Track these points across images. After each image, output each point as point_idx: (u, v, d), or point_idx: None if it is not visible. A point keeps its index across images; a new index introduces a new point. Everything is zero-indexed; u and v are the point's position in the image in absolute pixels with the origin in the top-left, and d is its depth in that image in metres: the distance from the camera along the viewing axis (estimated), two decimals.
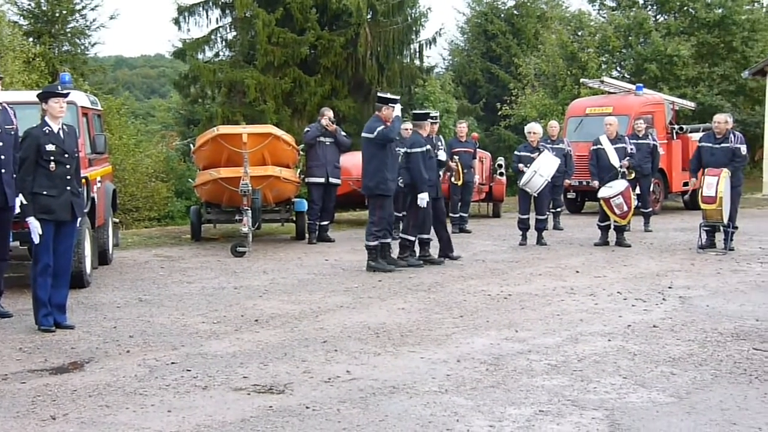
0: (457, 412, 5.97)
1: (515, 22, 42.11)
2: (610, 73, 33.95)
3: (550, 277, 11.75)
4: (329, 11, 30.61)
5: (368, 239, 12.44)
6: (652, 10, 36.43)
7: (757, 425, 5.70)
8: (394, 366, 7.20)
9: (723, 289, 10.72)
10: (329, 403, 6.20)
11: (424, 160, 12.64)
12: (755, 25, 34.23)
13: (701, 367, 7.12)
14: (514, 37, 41.20)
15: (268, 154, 14.70)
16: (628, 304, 9.88)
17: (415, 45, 32.61)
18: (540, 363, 7.27)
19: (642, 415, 5.92)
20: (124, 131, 25.65)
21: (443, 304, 9.85)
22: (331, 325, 8.82)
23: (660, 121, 21.68)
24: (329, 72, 29.92)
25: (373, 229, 12.42)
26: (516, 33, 41.59)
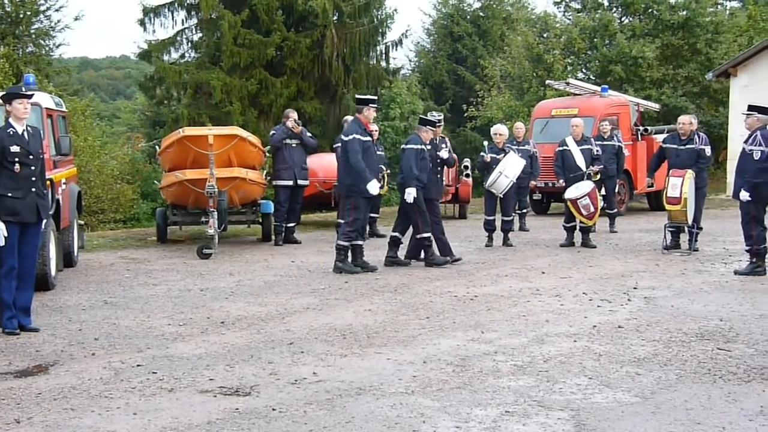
0: (423, 413, 5.98)
1: (481, 23, 42.25)
2: (575, 75, 34.12)
3: (516, 278, 11.79)
4: (295, 13, 30.52)
5: (340, 239, 12.45)
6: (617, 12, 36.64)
7: (720, 425, 5.75)
8: (360, 367, 7.20)
9: (687, 290, 10.80)
10: (296, 404, 6.18)
11: (416, 158, 12.63)
12: (719, 27, 34.52)
13: (666, 367, 7.17)
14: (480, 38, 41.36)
15: (234, 156, 14.66)
16: (594, 304, 9.93)
17: (382, 47, 32.59)
18: (506, 364, 7.29)
19: (607, 416, 5.95)
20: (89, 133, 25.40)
21: (410, 306, 9.86)
22: (298, 326, 8.81)
23: (625, 123, 21.82)
24: (295, 73, 29.83)
25: (346, 229, 12.43)
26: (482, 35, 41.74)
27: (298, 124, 15.74)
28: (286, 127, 15.68)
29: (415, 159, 12.66)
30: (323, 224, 19.59)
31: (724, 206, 22.74)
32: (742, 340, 8.11)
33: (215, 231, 14.03)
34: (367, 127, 12.55)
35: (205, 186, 13.86)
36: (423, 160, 12.77)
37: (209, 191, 13.82)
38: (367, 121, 12.56)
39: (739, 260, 12.83)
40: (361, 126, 12.46)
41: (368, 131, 12.61)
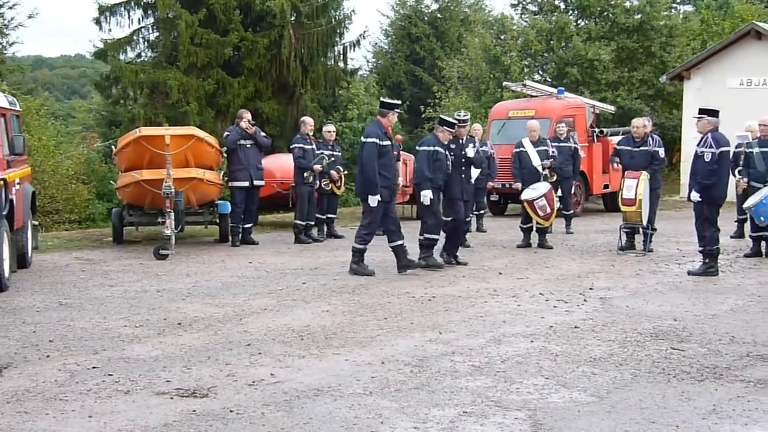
0: (381, 414, 5.99)
1: (439, 25, 42.33)
2: (532, 77, 34.30)
3: (473, 279, 11.84)
4: (253, 12, 30.40)
5: (356, 241, 12.37)
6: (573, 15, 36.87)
7: (674, 423, 5.82)
8: (318, 368, 7.20)
9: (642, 290, 10.91)
10: (253, 406, 6.17)
11: (428, 160, 12.48)
12: (673, 30, 34.87)
13: (621, 367, 7.24)
14: (437, 40, 41.43)
15: (191, 156, 14.59)
16: (550, 305, 10.00)
17: (339, 47, 32.55)
18: (464, 364, 7.32)
19: (564, 415, 6.00)
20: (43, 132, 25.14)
21: (368, 307, 9.87)
22: (255, 328, 8.78)
23: (581, 125, 21.96)
24: (253, 74, 29.72)
25: (362, 232, 12.35)
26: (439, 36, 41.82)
27: (251, 124, 15.67)
28: (240, 128, 15.61)
29: (428, 161, 12.52)
30: (281, 225, 19.54)
31: (677, 207, 22.98)
32: (695, 340, 8.21)
33: (172, 232, 13.96)
34: (388, 131, 12.37)
35: (161, 186, 13.78)
36: (437, 162, 12.57)
37: (166, 192, 13.74)
38: (388, 125, 12.40)
39: (693, 261, 12.97)
40: (382, 129, 12.27)
41: (389, 135, 12.43)
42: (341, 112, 31.90)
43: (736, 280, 11.73)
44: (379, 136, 12.16)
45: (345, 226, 19.25)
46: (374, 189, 12.05)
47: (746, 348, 7.90)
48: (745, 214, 15.02)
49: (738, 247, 14.92)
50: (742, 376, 6.98)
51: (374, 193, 12.06)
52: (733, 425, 5.81)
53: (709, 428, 5.74)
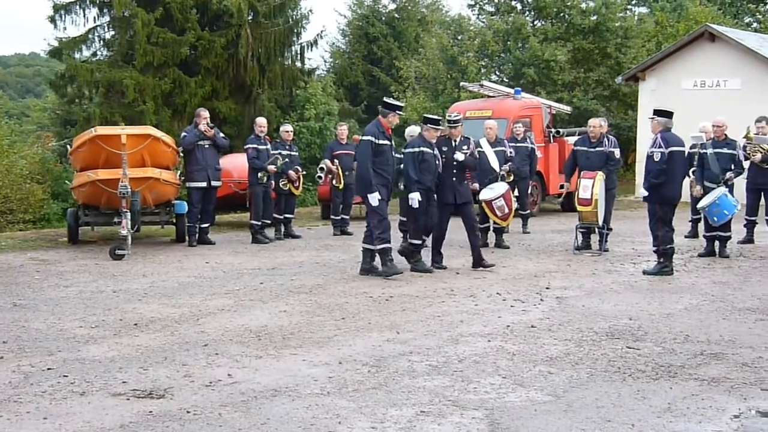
0: (339, 414, 5.99)
1: (396, 25, 42.34)
2: (489, 77, 34.44)
3: (430, 279, 11.86)
4: (210, 12, 30.25)
5: (375, 244, 12.14)
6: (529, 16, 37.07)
7: (630, 422, 5.87)
8: (275, 369, 7.19)
9: (598, 290, 10.99)
10: (210, 407, 6.15)
11: (413, 161, 12.28)
12: (628, 32, 35.16)
13: (577, 366, 7.29)
14: (395, 40, 41.44)
15: (147, 156, 14.51)
16: (507, 304, 10.05)
17: (297, 47, 32.47)
18: (421, 364, 7.34)
19: (521, 414, 6.03)
20: None
21: (325, 307, 9.86)
22: (212, 328, 8.75)
23: (538, 125, 22.08)
24: (210, 73, 29.57)
25: (376, 233, 12.13)
26: (397, 36, 41.83)
27: (210, 127, 15.58)
28: (198, 130, 15.51)
29: (413, 162, 12.32)
30: (238, 225, 19.47)
31: (633, 207, 23.17)
32: (650, 339, 8.29)
33: (128, 232, 13.86)
34: (387, 131, 12.25)
35: (117, 186, 13.69)
36: (424, 162, 12.37)
37: (122, 191, 13.64)
38: (388, 126, 12.26)
39: (648, 260, 13.09)
40: (380, 129, 12.19)
41: (388, 135, 12.28)
42: (298, 111, 31.78)
43: (691, 280, 11.85)
44: (376, 134, 12.08)
45: (302, 226, 19.24)
46: (370, 187, 11.98)
47: (700, 347, 7.99)
48: (699, 215, 15.19)
49: (692, 246, 15.07)
50: (696, 374, 7.05)
51: (371, 191, 11.98)
52: (687, 423, 5.87)
53: (664, 426, 5.80)
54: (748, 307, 9.91)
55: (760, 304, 10.06)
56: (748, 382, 6.83)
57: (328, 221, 19.19)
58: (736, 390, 6.61)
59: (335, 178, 17.71)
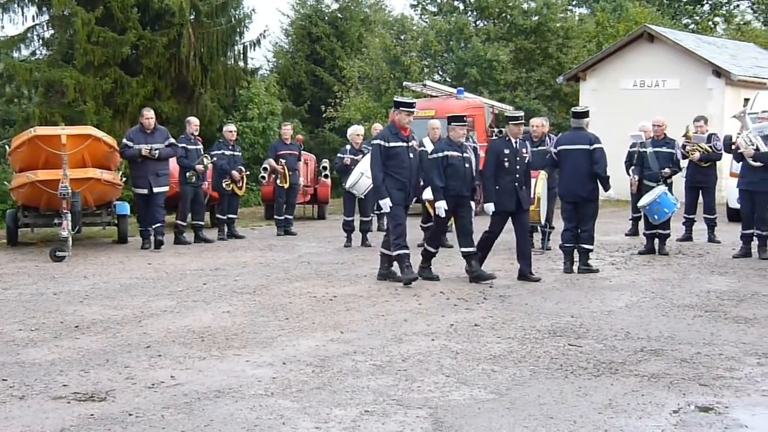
0: (283, 415, 5.98)
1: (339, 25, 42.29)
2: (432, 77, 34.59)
3: (374, 279, 11.87)
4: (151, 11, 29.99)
5: (392, 250, 11.51)
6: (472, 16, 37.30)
7: (572, 418, 5.93)
8: (219, 370, 7.15)
9: (540, 288, 11.08)
10: (153, 409, 6.10)
11: (438, 167, 11.49)
12: (569, 32, 35.52)
13: (520, 364, 7.35)
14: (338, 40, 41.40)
15: (88, 156, 14.35)
16: (451, 303, 10.09)
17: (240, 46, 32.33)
18: (365, 364, 7.35)
19: (464, 412, 6.06)
20: None
21: (269, 307, 9.83)
22: (155, 329, 8.68)
23: (480, 125, 22.19)
24: (152, 73, 29.32)
25: (391, 238, 11.51)
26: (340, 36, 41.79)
27: (152, 155, 14.98)
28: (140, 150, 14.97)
29: (437, 168, 11.51)
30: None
31: None
32: (591, 336, 8.38)
33: (69, 233, 13.71)
34: (403, 131, 11.52)
35: (57, 187, 13.53)
36: (450, 167, 11.51)
37: (62, 192, 13.49)
38: (400, 125, 11.53)
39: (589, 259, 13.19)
40: (393, 130, 11.54)
41: (403, 136, 11.52)
42: (242, 111, 31.65)
43: (631, 277, 12.00)
44: (386, 137, 11.47)
45: (246, 226, 19.18)
46: (381, 192, 11.44)
47: (640, 343, 8.09)
48: (639, 213, 15.38)
49: (632, 244, 15.25)
50: (636, 370, 7.14)
51: (382, 197, 11.44)
52: (627, 419, 5.95)
53: (605, 422, 5.87)
54: (686, 303, 10.06)
55: (698, 301, 10.22)
56: (687, 377, 6.94)
57: (271, 221, 19.15)
58: (676, 386, 6.71)
59: (279, 178, 17.66)
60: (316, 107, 37.91)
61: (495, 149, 11.92)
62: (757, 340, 8.28)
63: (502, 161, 11.66)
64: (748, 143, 13.57)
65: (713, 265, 13.16)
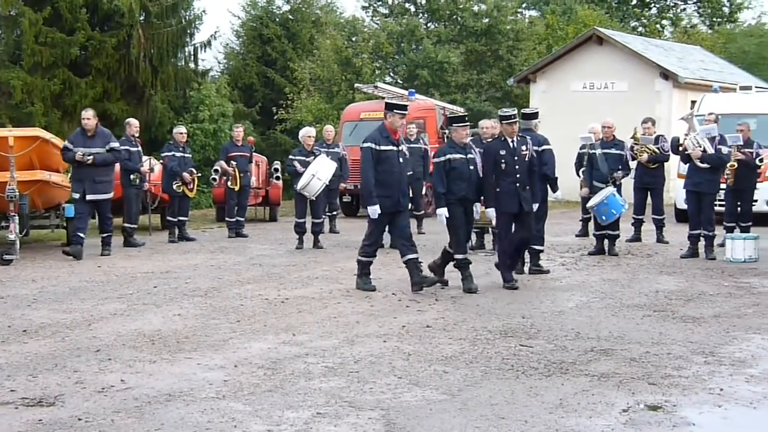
0: (234, 418, 5.95)
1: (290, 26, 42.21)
2: (383, 79, 34.65)
3: (326, 280, 11.87)
4: (100, 11, 29.78)
5: (359, 252, 11.34)
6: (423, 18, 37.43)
7: (523, 418, 5.97)
8: (170, 373, 7.11)
9: (491, 289, 11.13)
10: (103, 413, 6.05)
11: (439, 172, 11.03)
12: (519, 34, 35.78)
13: (472, 365, 7.38)
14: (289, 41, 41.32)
15: (36, 158, 14.20)
16: (403, 305, 10.11)
17: (190, 48, 32.23)
18: (317, 366, 7.34)
19: (416, 413, 6.08)
20: None
21: (220, 310, 9.79)
22: (105, 333, 8.61)
23: (432, 126, 22.28)
24: (101, 74, 29.11)
25: (363, 242, 11.27)
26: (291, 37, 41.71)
27: (85, 161, 14.12)
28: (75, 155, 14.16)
29: (439, 173, 11.06)
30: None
31: None
32: (542, 336, 8.44)
33: (16, 236, 13.56)
34: (393, 134, 11.16)
35: (5, 190, 13.37)
36: (454, 170, 11.01)
37: (9, 195, 13.34)
38: (392, 128, 11.16)
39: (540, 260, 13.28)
40: (384, 133, 11.13)
41: (393, 139, 11.14)
42: (192, 113, 31.49)
43: (581, 278, 12.10)
44: (377, 140, 11.04)
45: (197, 228, 19.08)
46: (370, 198, 10.97)
47: (590, 343, 8.16)
48: (589, 214, 15.52)
49: (582, 245, 15.39)
50: (586, 370, 7.20)
51: (371, 203, 10.95)
52: (578, 418, 5.99)
53: (555, 422, 5.91)
54: (636, 303, 10.16)
55: (647, 301, 10.33)
56: (636, 376, 7.01)
57: (223, 224, 19.07)
58: (625, 385, 6.78)
59: (230, 179, 17.60)
60: (267, 109, 37.81)
61: (490, 151, 11.45)
62: (704, 339, 8.39)
63: (499, 162, 11.20)
64: (696, 145, 13.76)
65: (662, 265, 13.31)
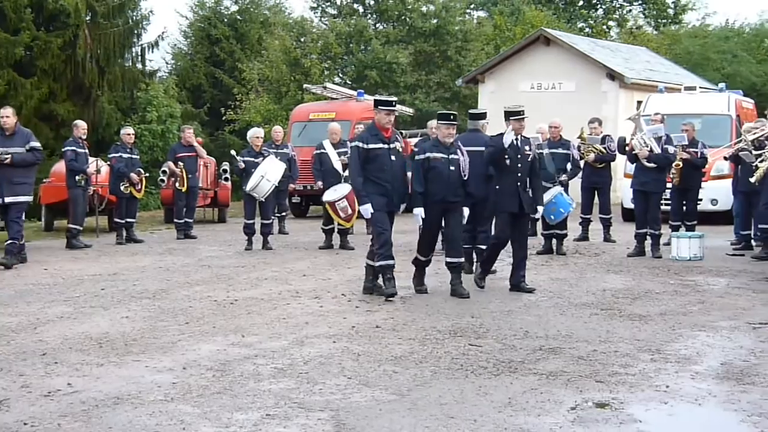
0: (183, 420, 5.92)
1: (239, 27, 42.08)
2: (332, 79, 34.63)
3: (276, 281, 11.84)
4: (45, 11, 29.50)
5: (375, 260, 10.78)
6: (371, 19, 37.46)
7: (472, 417, 6.00)
8: (118, 376, 7.05)
9: (441, 289, 11.15)
10: (49, 418, 5.98)
11: (417, 171, 10.69)
12: (467, 35, 35.96)
13: (421, 365, 7.40)
14: (237, 42, 41.19)
15: None
16: (353, 305, 10.12)
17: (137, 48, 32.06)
18: (266, 367, 7.32)
19: (366, 414, 6.09)
20: None
21: (169, 311, 9.73)
22: (51, 336, 8.51)
23: None
24: (47, 74, 28.81)
25: (376, 248, 10.73)
26: (240, 38, 41.59)
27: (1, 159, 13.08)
28: None
29: (416, 172, 10.72)
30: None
31: None
32: (491, 336, 8.48)
33: None
34: (383, 132, 10.70)
35: None
36: (432, 170, 10.65)
37: None
38: (381, 126, 10.74)
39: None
40: (373, 131, 10.76)
41: (383, 137, 10.67)
42: (140, 114, 31.29)
43: (529, 277, 12.11)
44: (365, 138, 10.69)
45: (145, 230, 18.93)
46: (360, 198, 10.79)
47: (539, 342, 8.22)
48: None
49: (531, 244, 15.42)
50: (535, 369, 7.25)
51: (362, 203, 10.66)
52: (527, 417, 6.04)
53: (504, 420, 5.95)
54: (583, 302, 10.26)
55: (594, 299, 10.43)
56: (584, 374, 7.07)
57: (171, 225, 18.94)
58: (573, 383, 6.84)
59: (179, 181, 17.48)
60: (216, 110, 37.66)
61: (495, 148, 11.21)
62: (650, 336, 8.48)
63: (503, 159, 10.97)
64: (643, 145, 13.91)
65: (609, 264, 13.45)
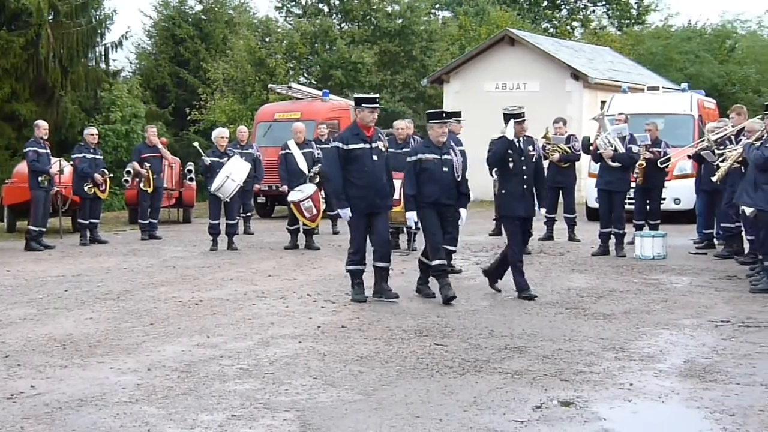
0: (148, 422, 5.90)
1: (203, 26, 41.87)
2: (297, 79, 34.59)
3: (241, 282, 11.81)
4: (7, 10, 29.21)
5: (346, 264, 10.69)
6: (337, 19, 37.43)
7: (438, 416, 6.01)
8: (82, 378, 7.01)
9: (407, 288, 11.15)
10: (12, 420, 5.94)
11: (409, 173, 10.43)
12: (432, 35, 36.02)
13: (387, 364, 7.41)
14: (202, 41, 40.97)
15: None
16: (318, 305, 10.11)
17: (101, 48, 31.80)
18: (232, 368, 7.31)
19: (332, 414, 6.09)
20: None
21: (133, 313, 9.68)
22: (14, 338, 8.45)
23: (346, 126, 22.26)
24: (8, 74, 28.53)
25: (349, 251, 10.63)
26: (204, 38, 41.38)
27: None
28: None
29: (408, 174, 10.46)
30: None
31: None
32: (457, 335, 8.51)
33: None
34: (365, 131, 10.42)
35: None
36: (424, 172, 10.33)
37: None
38: (363, 125, 10.45)
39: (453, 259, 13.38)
40: (354, 131, 10.49)
41: (365, 136, 10.38)
42: (104, 114, 31.06)
43: None
44: (345, 139, 10.42)
45: (109, 231, 18.81)
46: (340, 201, 10.46)
47: (504, 341, 8.25)
48: None
49: (496, 244, 15.51)
50: (500, 368, 7.28)
51: (342, 206, 10.42)
52: (492, 415, 6.06)
53: (470, 419, 5.97)
54: (548, 301, 10.31)
55: (559, 298, 10.48)
56: (549, 373, 7.11)
57: (135, 226, 18.83)
58: (538, 381, 6.87)
59: (143, 181, 17.39)
60: (180, 110, 37.45)
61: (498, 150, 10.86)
62: (614, 335, 8.54)
63: (507, 161, 10.74)
64: (607, 144, 14.00)
65: (573, 263, 13.52)
